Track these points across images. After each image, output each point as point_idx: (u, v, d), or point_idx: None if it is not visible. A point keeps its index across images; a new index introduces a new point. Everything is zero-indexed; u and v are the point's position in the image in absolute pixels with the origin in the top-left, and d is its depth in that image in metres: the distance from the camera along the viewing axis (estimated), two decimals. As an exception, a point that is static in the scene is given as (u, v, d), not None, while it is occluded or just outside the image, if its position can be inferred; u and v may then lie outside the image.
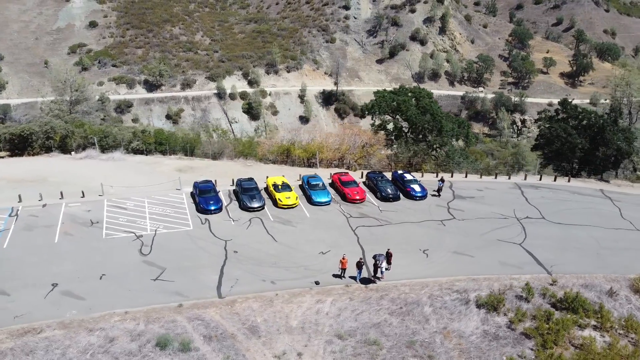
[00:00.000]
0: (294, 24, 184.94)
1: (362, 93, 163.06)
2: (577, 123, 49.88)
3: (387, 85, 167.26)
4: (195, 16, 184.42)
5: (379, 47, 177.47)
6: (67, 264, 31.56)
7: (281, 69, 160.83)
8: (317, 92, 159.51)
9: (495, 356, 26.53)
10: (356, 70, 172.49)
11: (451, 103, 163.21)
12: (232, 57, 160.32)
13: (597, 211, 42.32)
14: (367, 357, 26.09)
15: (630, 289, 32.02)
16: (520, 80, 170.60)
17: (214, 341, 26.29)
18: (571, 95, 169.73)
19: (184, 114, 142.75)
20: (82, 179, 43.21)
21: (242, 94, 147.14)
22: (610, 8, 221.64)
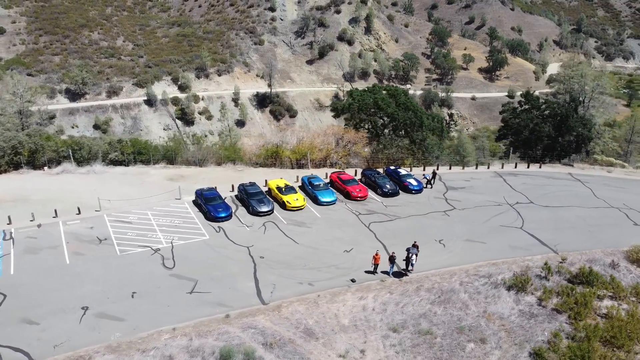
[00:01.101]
0: (219, 26, 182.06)
1: (295, 94, 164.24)
2: (540, 113, 53.82)
3: (320, 86, 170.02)
4: (114, 20, 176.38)
5: (308, 48, 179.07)
6: (89, 285, 29.62)
7: (212, 72, 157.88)
8: (250, 94, 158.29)
9: (537, 332, 28.31)
10: (287, 72, 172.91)
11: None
12: (159, 62, 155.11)
13: (573, 193, 46.04)
14: (425, 347, 26.92)
15: (627, 260, 35.24)
16: (444, 76, 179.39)
17: (275, 348, 25.93)
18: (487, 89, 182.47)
19: (113, 122, 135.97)
20: (69, 195, 40.43)
21: (173, 99, 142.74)
22: (515, 7, 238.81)
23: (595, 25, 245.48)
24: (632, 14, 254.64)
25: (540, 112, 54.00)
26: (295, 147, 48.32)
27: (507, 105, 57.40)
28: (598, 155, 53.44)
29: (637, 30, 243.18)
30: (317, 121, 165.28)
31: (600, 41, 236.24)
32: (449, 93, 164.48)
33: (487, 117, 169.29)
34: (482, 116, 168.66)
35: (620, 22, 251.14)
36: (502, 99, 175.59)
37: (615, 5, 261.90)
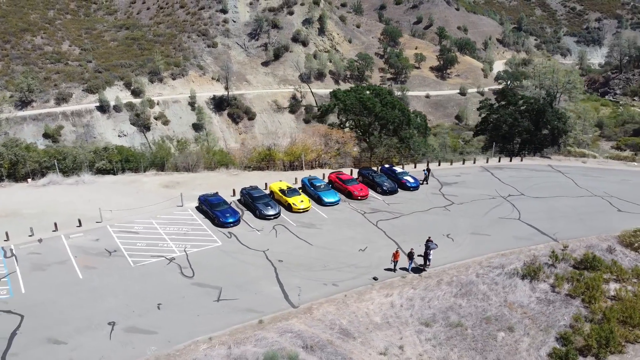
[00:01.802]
0: (170, 29, 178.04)
1: (253, 96, 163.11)
2: (516, 108, 56.12)
3: (277, 87, 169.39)
4: (58, 24, 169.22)
5: (262, 49, 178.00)
6: (110, 299, 28.48)
7: (166, 76, 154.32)
8: (207, 98, 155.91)
9: (557, 317, 29.62)
10: (243, 74, 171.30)
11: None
12: (109, 66, 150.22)
13: (557, 183, 48.32)
14: (459, 339, 27.62)
15: (621, 245, 37.36)
16: (398, 75, 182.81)
17: (317, 350, 25.89)
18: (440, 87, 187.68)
19: (65, 130, 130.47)
20: (63, 207, 38.60)
21: (127, 105, 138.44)
22: (460, 7, 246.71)
23: (534, 24, 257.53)
24: (566, 12, 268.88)
25: (516, 108, 56.27)
26: (289, 148, 48.13)
27: (484, 102, 59.51)
28: (571, 147, 56.28)
29: (572, 28, 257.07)
30: (276, 123, 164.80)
31: (540, 39, 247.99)
32: (405, 92, 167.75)
33: (442, 114, 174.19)
34: (437, 113, 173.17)
35: (556, 21, 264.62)
36: (455, 97, 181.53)
37: (551, 4, 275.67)
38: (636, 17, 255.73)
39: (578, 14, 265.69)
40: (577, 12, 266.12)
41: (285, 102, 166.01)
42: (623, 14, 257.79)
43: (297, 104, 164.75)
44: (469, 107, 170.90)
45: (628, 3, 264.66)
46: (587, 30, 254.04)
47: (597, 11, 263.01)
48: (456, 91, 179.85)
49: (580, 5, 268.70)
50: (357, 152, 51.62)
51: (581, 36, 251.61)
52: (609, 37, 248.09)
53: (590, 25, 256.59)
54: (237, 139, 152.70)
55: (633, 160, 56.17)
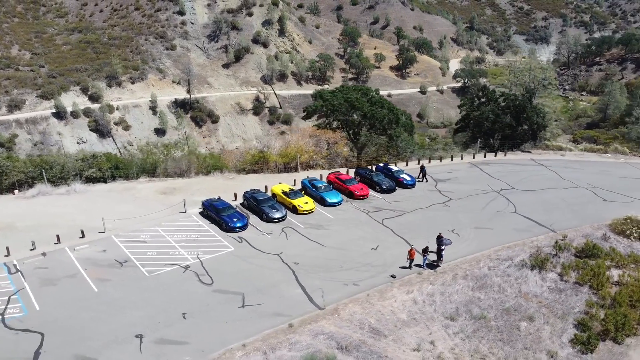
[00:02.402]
0: (126, 32, 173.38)
1: (215, 99, 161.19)
2: (496, 105, 57.88)
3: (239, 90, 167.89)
4: (5, 27, 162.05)
5: (222, 51, 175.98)
6: (131, 311, 27.57)
7: (124, 80, 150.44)
8: (169, 101, 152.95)
9: (571, 304, 30.78)
10: (204, 77, 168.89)
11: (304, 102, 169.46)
12: (63, 71, 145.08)
13: (543, 176, 50.17)
14: (485, 331, 28.30)
15: (613, 233, 39.21)
16: (359, 75, 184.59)
17: (353, 351, 25.95)
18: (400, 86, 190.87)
19: (19, 139, 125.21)
20: (59, 218, 36.98)
21: (85, 110, 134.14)
22: (415, 7, 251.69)
23: (486, 23, 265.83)
24: (515, 12, 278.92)
25: (496, 104, 58.02)
26: (283, 150, 47.84)
27: (465, 99, 61.05)
28: (549, 141, 58.56)
29: (521, 27, 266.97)
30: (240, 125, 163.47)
31: (491, 38, 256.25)
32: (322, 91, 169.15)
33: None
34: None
35: (506, 20, 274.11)
36: (416, 95, 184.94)
37: (500, 4, 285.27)
38: (579, 16, 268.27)
39: (526, 13, 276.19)
40: (524, 12, 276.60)
41: (249, 104, 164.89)
42: (567, 13, 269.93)
43: (260, 105, 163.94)
44: (430, 105, 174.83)
45: (571, 2, 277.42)
46: (535, 28, 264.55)
47: (544, 10, 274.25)
48: (416, 90, 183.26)
49: (527, 5, 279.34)
50: (347, 152, 51.88)
51: (529, 35, 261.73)
52: (555, 35, 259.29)
53: (537, 24, 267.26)
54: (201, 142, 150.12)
55: (606, 152, 58.98)
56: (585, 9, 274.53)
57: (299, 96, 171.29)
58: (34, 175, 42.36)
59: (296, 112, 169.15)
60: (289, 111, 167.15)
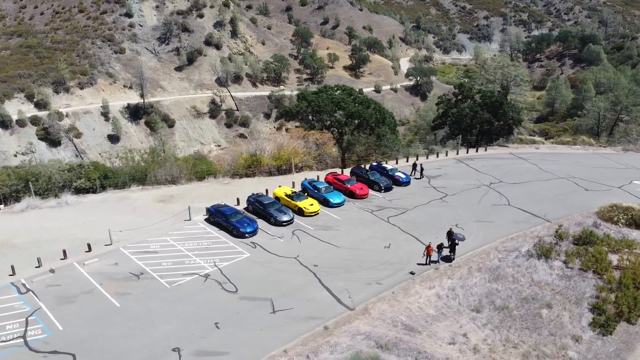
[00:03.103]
0: (70, 35, 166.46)
1: (170, 103, 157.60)
2: (473, 102, 59.77)
3: (193, 93, 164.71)
4: None
5: (174, 54, 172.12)
6: (162, 325, 26.66)
7: (72, 86, 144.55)
8: (121, 107, 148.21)
9: (581, 289, 32.28)
10: (157, 80, 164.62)
11: (260, 103, 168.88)
12: (5, 77, 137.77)
13: (525, 169, 52.26)
14: (510, 320, 29.26)
15: (602, 220, 41.39)
16: (314, 75, 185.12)
17: (392, 349, 26.21)
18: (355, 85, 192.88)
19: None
20: (58, 232, 35.13)
21: (32, 119, 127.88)
22: (363, 8, 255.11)
23: (431, 22, 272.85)
24: (458, 11, 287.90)
25: (473, 101, 59.90)
26: (276, 153, 47.40)
27: (442, 97, 62.66)
28: (522, 135, 61.03)
29: (464, 26, 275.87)
30: (197, 129, 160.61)
31: (437, 37, 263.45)
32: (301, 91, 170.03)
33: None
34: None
35: (450, 19, 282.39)
36: (371, 94, 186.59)
37: (444, 4, 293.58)
38: (518, 15, 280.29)
39: (468, 12, 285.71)
40: (467, 11, 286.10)
41: (205, 107, 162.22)
42: (507, 12, 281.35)
43: (217, 108, 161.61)
44: (385, 103, 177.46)
45: (510, 2, 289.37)
46: (478, 27, 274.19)
47: (485, 10, 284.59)
48: (371, 89, 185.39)
49: (469, 5, 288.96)
50: (336, 153, 52.04)
51: (473, 33, 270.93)
52: (497, 33, 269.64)
53: (479, 22, 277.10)
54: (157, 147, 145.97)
55: (575, 144, 62.10)
56: (524, 8, 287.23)
57: (255, 98, 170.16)
58: (18, 188, 40.01)
59: (253, 114, 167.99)
60: (246, 113, 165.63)
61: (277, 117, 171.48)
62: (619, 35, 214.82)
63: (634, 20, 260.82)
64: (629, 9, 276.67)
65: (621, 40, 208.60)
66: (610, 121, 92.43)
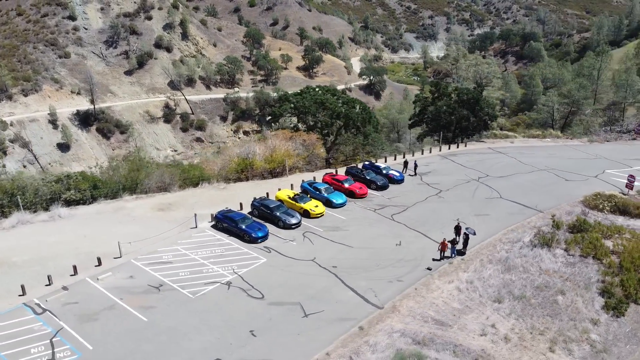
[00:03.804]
0: (9, 39, 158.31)
1: (122, 108, 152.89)
2: (450, 99, 61.39)
3: (146, 97, 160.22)
4: None
5: (123, 58, 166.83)
6: (195, 337, 25.88)
7: (15, 93, 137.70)
8: (70, 114, 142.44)
9: (586, 274, 33.84)
10: (106, 85, 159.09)
11: (216, 106, 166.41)
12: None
13: (506, 163, 54.17)
14: (530, 308, 30.36)
15: (588, 208, 43.55)
16: (268, 77, 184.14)
17: (429, 344, 26.64)
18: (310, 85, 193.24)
19: None
20: (58, 247, 33.29)
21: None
22: (312, 8, 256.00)
23: (379, 22, 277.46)
24: (403, 11, 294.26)
25: (449, 99, 61.52)
26: (268, 156, 46.84)
27: (419, 96, 63.92)
28: (496, 130, 63.27)
29: (410, 25, 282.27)
30: (152, 134, 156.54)
31: (385, 36, 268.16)
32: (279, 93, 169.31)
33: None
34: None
35: (396, 19, 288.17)
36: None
37: (390, 4, 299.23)
38: (461, 14, 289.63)
39: (413, 12, 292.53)
40: (412, 11, 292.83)
41: (159, 111, 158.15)
42: (450, 12, 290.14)
43: (171, 112, 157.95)
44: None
45: (453, 1, 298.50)
46: (423, 26, 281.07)
47: (429, 9, 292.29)
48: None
49: (414, 4, 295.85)
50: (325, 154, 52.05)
51: (419, 32, 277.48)
52: (441, 32, 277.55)
53: (425, 22, 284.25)
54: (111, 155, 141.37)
55: (545, 137, 64.96)
56: (465, 7, 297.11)
57: (210, 100, 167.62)
58: (3, 202, 37.58)
59: (209, 117, 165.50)
60: (201, 116, 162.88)
61: (234, 120, 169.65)
62: (557, 33, 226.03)
63: (567, 18, 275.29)
64: (561, 8, 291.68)
65: (559, 37, 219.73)
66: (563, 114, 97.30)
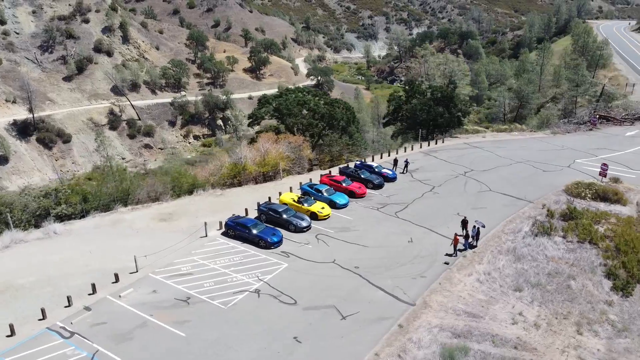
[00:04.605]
0: None
1: (63, 116, 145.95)
2: (424, 97, 62.87)
3: (88, 104, 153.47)
4: None
5: (61, 63, 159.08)
6: (241, 348, 25.18)
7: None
8: (6, 124, 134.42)
9: (588, 259, 35.67)
10: (44, 92, 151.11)
11: (163, 111, 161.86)
12: None
13: (485, 157, 56.15)
14: (549, 295, 31.69)
15: (571, 196, 45.88)
16: (215, 79, 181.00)
17: (469, 336, 27.28)
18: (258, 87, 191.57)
19: None
20: (65, 266, 31.26)
21: None
22: (253, 9, 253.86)
23: (320, 22, 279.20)
24: (343, 11, 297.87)
25: (423, 96, 62.99)
26: (263, 160, 46.04)
27: (393, 95, 64.99)
28: (467, 125, 65.41)
29: (351, 25, 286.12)
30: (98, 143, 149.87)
31: (327, 36, 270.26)
32: (229, 95, 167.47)
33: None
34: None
35: (336, 19, 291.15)
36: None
37: (329, 4, 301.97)
38: (399, 14, 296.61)
39: (353, 12, 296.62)
40: (352, 11, 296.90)
41: (103, 118, 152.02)
42: (389, 11, 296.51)
43: (117, 119, 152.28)
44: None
45: (390, 1, 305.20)
46: (364, 26, 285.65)
47: (368, 9, 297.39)
48: (275, 90, 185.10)
49: (354, 5, 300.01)
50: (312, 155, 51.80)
51: (360, 32, 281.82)
52: (381, 31, 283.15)
53: (365, 22, 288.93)
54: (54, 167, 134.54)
55: (511, 131, 67.87)
56: (403, 7, 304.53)
57: (156, 105, 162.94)
58: (2, 220, 34.91)
59: (157, 123, 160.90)
60: (149, 122, 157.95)
61: (183, 124, 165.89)
62: (492, 31, 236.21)
63: (498, 17, 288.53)
64: (492, 7, 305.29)
65: (494, 35, 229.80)
66: (512, 108, 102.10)
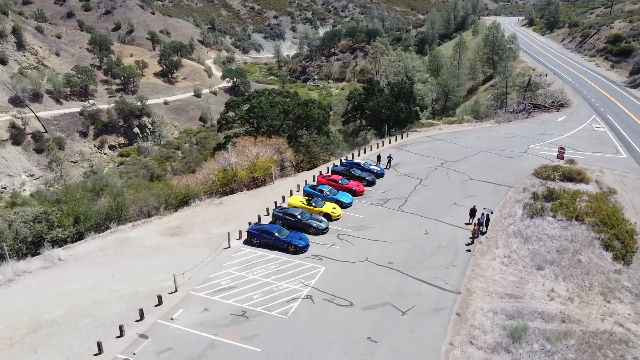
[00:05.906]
0: None
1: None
2: (382, 94, 64.50)
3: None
4: None
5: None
6: (322, 355, 24.68)
7: None
8: None
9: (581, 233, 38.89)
10: None
11: (72, 121, 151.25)
12: None
13: (452, 148, 58.84)
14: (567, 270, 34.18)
15: (542, 179, 49.53)
16: (126, 85, 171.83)
17: (521, 317, 28.77)
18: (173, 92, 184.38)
19: None
20: (93, 294, 28.45)
21: None
22: (155, 11, 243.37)
23: (225, 23, 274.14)
24: (248, 12, 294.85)
25: (382, 93, 64.61)
26: (253, 164, 44.67)
27: (352, 92, 65.78)
28: (423, 119, 68.12)
29: (257, 26, 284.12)
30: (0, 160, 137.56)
31: (234, 37, 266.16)
32: (144, 101, 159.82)
33: (186, 118, 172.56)
34: (181, 118, 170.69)
35: (242, 20, 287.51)
36: (192, 99, 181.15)
37: (233, 5, 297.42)
38: (303, 14, 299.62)
39: (258, 12, 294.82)
40: (257, 11, 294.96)
41: (4, 133, 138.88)
42: (293, 11, 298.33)
43: (20, 133, 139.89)
44: (211, 107, 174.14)
45: (294, 1, 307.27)
46: (269, 26, 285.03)
47: (273, 9, 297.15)
48: (190, 94, 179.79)
49: (257, 5, 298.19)
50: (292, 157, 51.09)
51: (266, 32, 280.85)
52: (287, 31, 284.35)
53: (270, 22, 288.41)
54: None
55: (461, 122, 71.69)
56: (307, 7, 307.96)
57: (64, 116, 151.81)
58: None
59: (67, 134, 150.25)
60: (57, 134, 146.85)
61: (96, 134, 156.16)
62: (396, 29, 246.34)
63: (397, 15, 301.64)
64: (391, 6, 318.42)
65: (398, 32, 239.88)
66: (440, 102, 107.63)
